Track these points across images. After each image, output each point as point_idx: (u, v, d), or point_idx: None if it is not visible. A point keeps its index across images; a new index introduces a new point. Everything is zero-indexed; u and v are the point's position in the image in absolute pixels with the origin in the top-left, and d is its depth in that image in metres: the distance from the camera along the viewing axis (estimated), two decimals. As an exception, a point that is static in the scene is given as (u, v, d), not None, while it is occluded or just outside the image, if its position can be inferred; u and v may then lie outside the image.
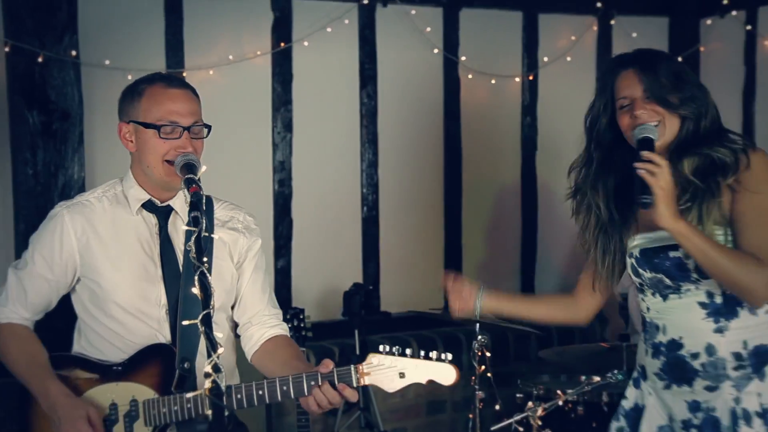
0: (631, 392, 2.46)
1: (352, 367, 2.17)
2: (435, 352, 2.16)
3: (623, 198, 2.33)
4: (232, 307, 2.50)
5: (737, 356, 2.22)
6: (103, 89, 3.99)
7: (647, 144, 2.19)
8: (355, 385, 2.16)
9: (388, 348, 2.17)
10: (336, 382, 2.16)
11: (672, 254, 2.23)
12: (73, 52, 3.89)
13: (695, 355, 2.25)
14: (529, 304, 2.63)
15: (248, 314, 2.49)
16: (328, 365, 2.19)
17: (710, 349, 2.23)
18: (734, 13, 5.03)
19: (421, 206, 4.86)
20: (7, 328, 2.41)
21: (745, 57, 5.04)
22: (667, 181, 2.11)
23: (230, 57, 4.33)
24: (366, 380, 2.15)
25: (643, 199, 2.11)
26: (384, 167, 4.73)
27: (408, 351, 2.17)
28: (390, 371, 2.15)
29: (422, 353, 2.17)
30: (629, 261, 2.36)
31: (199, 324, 1.92)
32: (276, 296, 2.63)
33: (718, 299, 2.24)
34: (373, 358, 2.17)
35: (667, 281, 2.27)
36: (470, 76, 4.86)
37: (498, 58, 4.91)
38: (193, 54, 4.26)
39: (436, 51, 4.79)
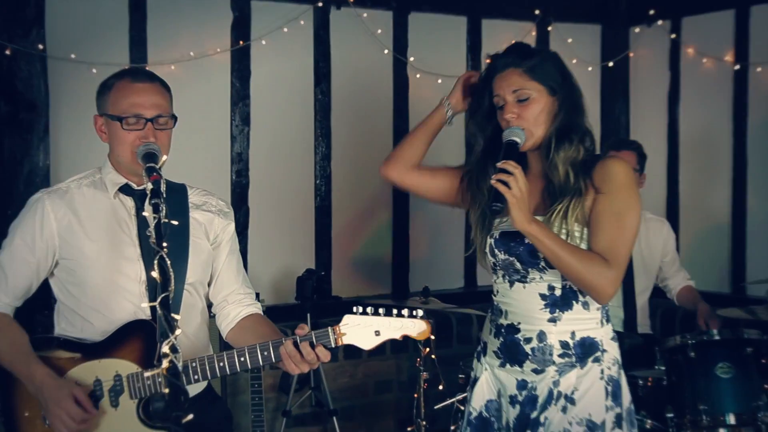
0: (475, 364, 2.51)
1: (329, 328, 2.18)
2: (407, 310, 2.18)
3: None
4: (208, 285, 2.48)
5: (564, 345, 2.29)
6: (69, 82, 3.93)
7: (511, 148, 2.23)
8: (333, 345, 2.17)
9: (361, 309, 2.18)
10: (315, 343, 2.17)
11: (527, 240, 2.25)
12: (40, 46, 3.82)
13: (528, 340, 2.31)
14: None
15: (224, 293, 2.48)
16: (304, 327, 2.20)
17: (541, 336, 2.30)
18: (660, 22, 5.12)
19: (371, 197, 4.86)
20: None
21: (669, 63, 5.12)
22: (520, 188, 2.14)
23: (191, 53, 4.29)
24: (343, 340, 2.16)
25: (494, 207, 2.18)
26: (336, 160, 4.73)
27: (381, 310, 2.19)
28: (366, 330, 2.16)
29: (395, 311, 2.18)
30: (489, 241, 2.36)
31: (157, 307, 1.91)
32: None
33: (558, 292, 2.29)
34: (348, 319, 2.17)
35: (518, 265, 2.31)
36: (418, 76, 4.88)
37: (444, 59, 4.93)
38: (156, 50, 4.21)
39: (386, 52, 4.80)
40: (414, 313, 2.17)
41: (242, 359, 2.21)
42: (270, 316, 3.97)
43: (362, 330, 2.16)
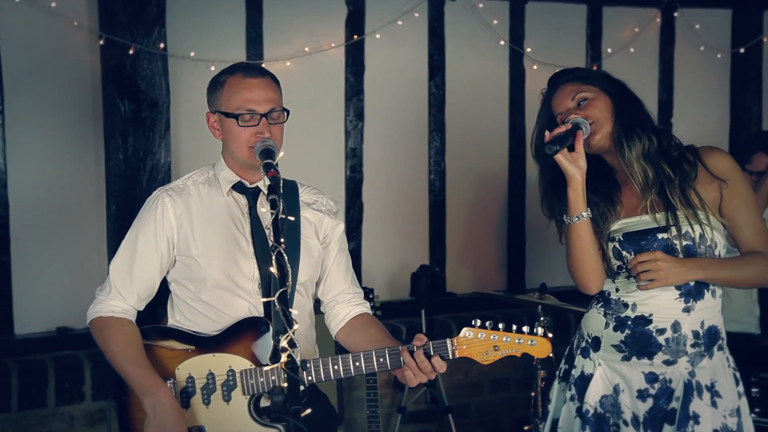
0: (579, 361, 2.47)
1: (448, 340, 2.18)
2: (527, 327, 2.18)
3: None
4: (317, 285, 2.50)
5: (695, 334, 2.33)
6: (189, 79, 4.05)
7: (575, 129, 2.30)
8: (450, 357, 2.17)
9: (480, 322, 2.18)
10: (432, 354, 2.17)
11: (660, 236, 2.30)
12: (161, 45, 3.94)
13: (661, 331, 2.32)
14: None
15: (333, 292, 2.50)
16: (422, 338, 2.20)
17: (676, 326, 2.32)
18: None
19: (486, 193, 4.81)
20: (111, 323, 2.37)
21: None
22: (665, 267, 2.25)
23: (306, 49, 4.33)
24: (461, 353, 2.17)
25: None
26: (451, 155, 4.69)
27: (500, 325, 2.19)
28: (484, 344, 2.17)
29: (514, 327, 2.18)
30: (611, 245, 2.38)
31: (276, 302, 1.93)
32: (347, 276, 2.62)
33: (692, 282, 2.31)
34: (467, 332, 2.18)
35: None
36: (535, 67, 4.78)
37: (562, 49, 4.82)
38: (272, 46, 4.28)
39: (502, 43, 4.73)
40: (535, 330, 2.17)
41: (357, 364, 2.22)
42: (384, 312, 4.03)
43: (480, 344, 2.16)
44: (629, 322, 2.35)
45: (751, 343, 3.47)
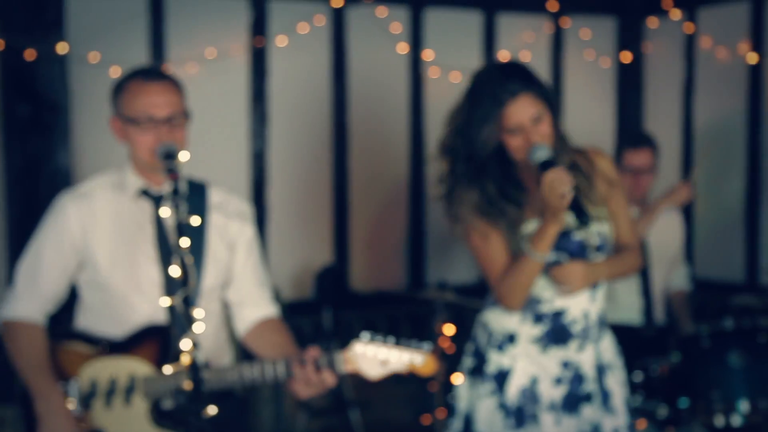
0: (494, 356, 2.49)
1: (338, 353, 2.18)
2: (415, 341, 2.19)
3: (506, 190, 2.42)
4: (226, 287, 2.49)
5: (598, 320, 2.50)
6: (90, 83, 4.02)
7: (549, 165, 2.28)
8: (340, 371, 2.18)
9: (369, 336, 2.18)
10: (320, 367, 2.18)
11: (575, 235, 2.42)
12: (61, 48, 3.90)
13: (575, 321, 2.45)
14: None
15: (240, 296, 2.49)
16: (313, 351, 2.21)
17: (586, 316, 2.47)
18: (675, 13, 5.13)
19: (387, 191, 4.93)
20: (15, 326, 2.38)
21: (684, 55, 5.14)
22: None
23: (210, 53, 4.37)
24: (351, 367, 2.17)
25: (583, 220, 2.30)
26: (354, 156, 4.81)
27: (389, 340, 2.18)
28: (372, 359, 2.17)
29: (403, 342, 2.18)
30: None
31: (177, 305, 1.95)
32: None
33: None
34: (356, 347, 2.18)
35: (566, 259, 2.42)
36: (434, 76, 4.93)
37: (460, 54, 4.96)
38: (176, 49, 4.30)
39: (402, 48, 4.85)
40: (422, 346, 2.16)
41: (255, 374, 2.23)
42: (290, 312, 4.09)
43: (369, 359, 2.16)
44: (545, 317, 2.45)
45: (633, 334, 3.66)
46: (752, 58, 4.77)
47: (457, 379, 2.59)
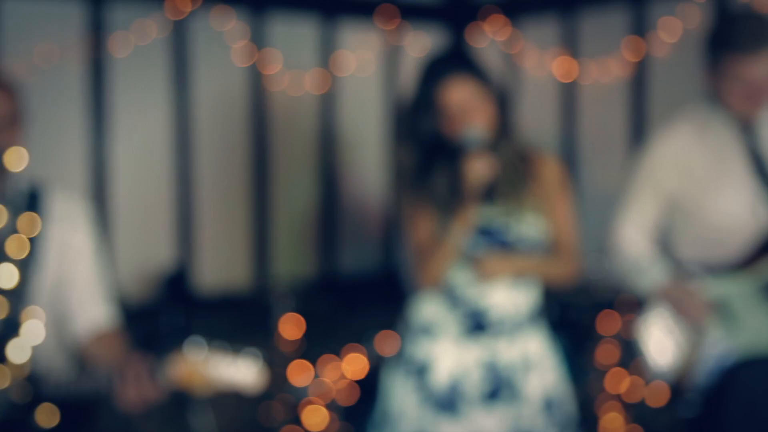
0: (414, 349, 2.48)
1: (165, 365, 2.09)
2: (246, 351, 2.07)
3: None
4: (61, 292, 2.41)
5: (525, 309, 2.46)
6: None
7: (472, 145, 2.28)
8: (164, 382, 2.09)
9: (200, 348, 2.06)
10: (146, 377, 2.09)
11: (499, 227, 2.40)
12: None
13: (494, 308, 2.41)
14: None
15: (76, 302, 2.41)
16: (138, 359, 2.13)
17: (508, 303, 2.42)
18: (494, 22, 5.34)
19: (231, 189, 5.04)
20: None
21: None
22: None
23: (46, 63, 4.38)
24: (179, 378, 2.07)
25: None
26: (199, 157, 4.90)
27: (217, 350, 2.05)
28: (200, 374, 2.06)
29: (231, 351, 2.05)
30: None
31: (6, 310, 1.96)
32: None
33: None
34: (185, 357, 2.07)
35: (483, 251, 2.40)
36: (276, 89, 5.08)
37: (300, 67, 5.14)
38: (11, 58, 4.26)
39: (243, 63, 4.98)
40: (252, 357, 2.03)
41: (80, 383, 2.16)
42: (130, 317, 4.05)
43: (196, 373, 2.03)
44: (463, 304, 2.42)
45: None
46: (566, 74, 5.07)
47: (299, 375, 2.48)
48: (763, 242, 2.46)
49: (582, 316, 4.15)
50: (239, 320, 4.73)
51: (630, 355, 3.88)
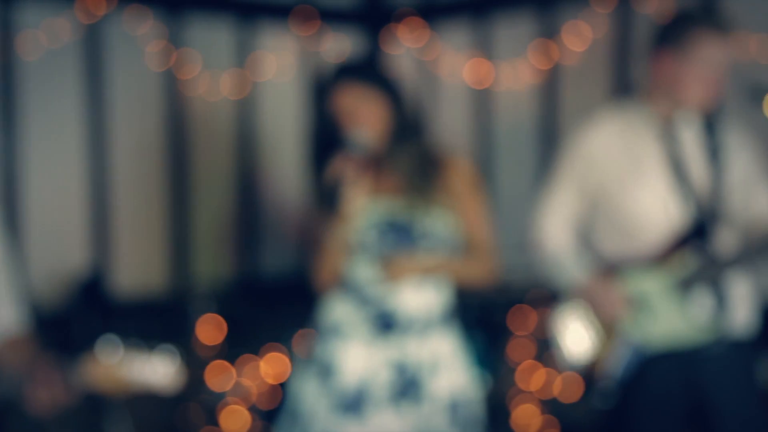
0: (323, 349, 2.51)
1: (75, 368, 2.06)
2: (162, 348, 2.06)
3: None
4: None
5: (436, 308, 2.50)
6: None
7: (356, 149, 2.41)
8: (77, 383, 2.06)
9: (113, 343, 2.05)
10: (57, 379, 2.07)
11: (403, 226, 2.45)
12: None
13: (403, 307, 2.45)
14: None
15: None
16: (49, 361, 2.13)
17: (417, 302, 2.46)
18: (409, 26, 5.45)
19: (148, 189, 5.01)
20: None
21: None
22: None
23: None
24: (90, 381, 2.05)
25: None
26: (114, 161, 4.85)
27: (132, 349, 2.05)
28: (113, 376, 2.03)
29: (146, 350, 2.05)
30: (369, 231, 2.46)
31: None
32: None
33: None
34: (96, 359, 2.05)
35: (391, 248, 2.45)
36: (193, 93, 5.06)
37: (216, 68, 5.13)
38: None
39: (158, 67, 4.95)
40: (166, 354, 2.03)
41: None
42: (44, 322, 3.99)
43: (110, 375, 2.01)
44: (371, 303, 2.45)
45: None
46: (481, 80, 5.20)
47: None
48: (676, 238, 2.57)
49: (496, 313, 4.26)
50: (157, 323, 4.70)
51: (543, 349, 4.02)
